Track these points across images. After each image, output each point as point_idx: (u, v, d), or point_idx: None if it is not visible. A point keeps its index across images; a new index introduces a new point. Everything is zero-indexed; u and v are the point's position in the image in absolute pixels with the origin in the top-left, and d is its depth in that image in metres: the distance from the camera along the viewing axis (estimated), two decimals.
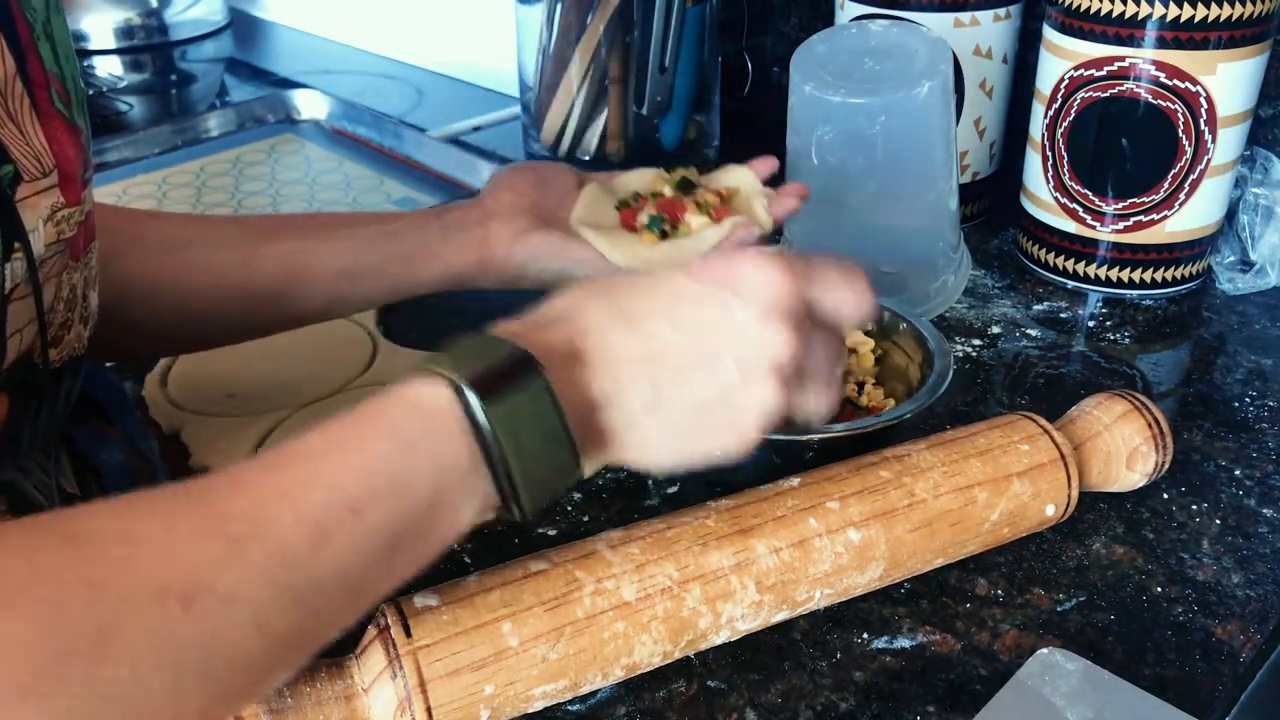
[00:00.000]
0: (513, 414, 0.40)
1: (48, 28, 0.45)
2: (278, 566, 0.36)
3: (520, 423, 0.40)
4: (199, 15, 1.57)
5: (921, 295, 0.78)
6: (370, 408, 0.40)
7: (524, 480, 0.41)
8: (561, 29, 0.97)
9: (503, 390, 0.40)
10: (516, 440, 0.40)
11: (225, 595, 0.34)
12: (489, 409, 0.40)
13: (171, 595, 0.33)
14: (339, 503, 0.37)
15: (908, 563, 0.53)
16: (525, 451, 0.40)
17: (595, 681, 0.47)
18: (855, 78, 0.73)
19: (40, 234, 0.43)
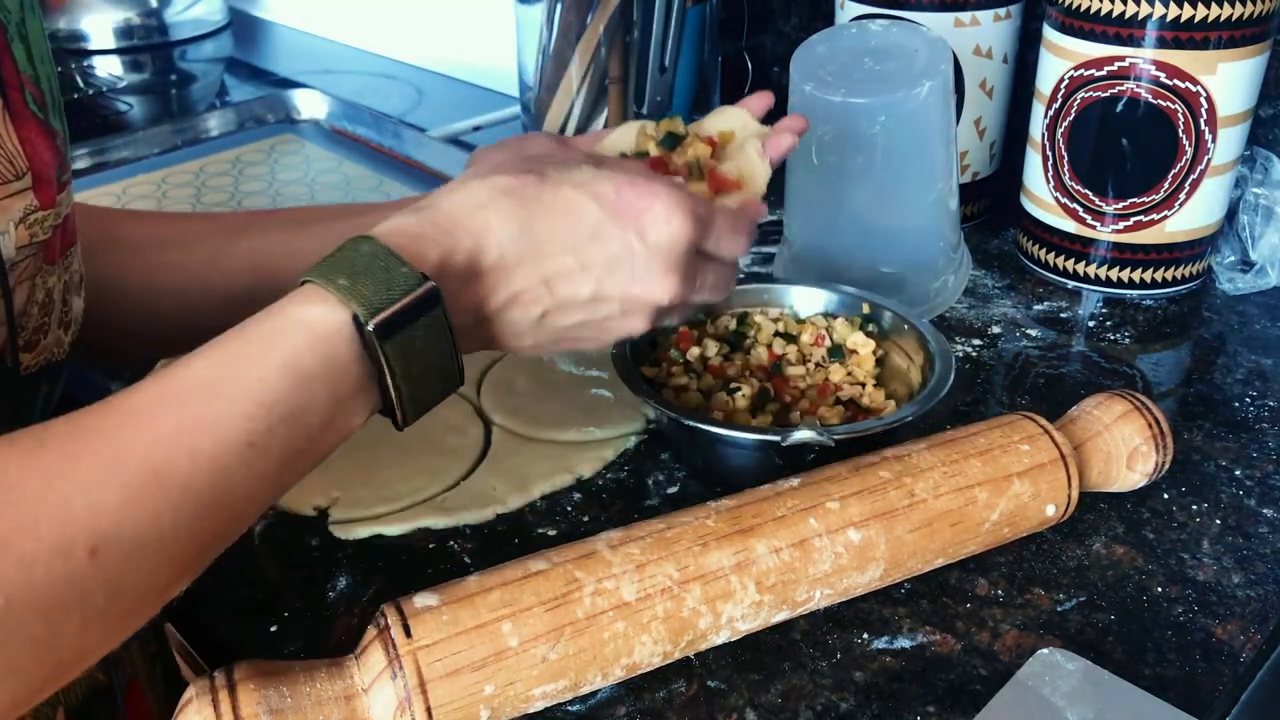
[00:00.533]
0: (409, 349, 0.42)
1: (22, 29, 0.44)
2: (179, 506, 0.37)
3: (414, 355, 0.42)
4: (199, 15, 1.57)
5: (921, 295, 0.78)
6: (268, 331, 0.41)
7: (410, 400, 0.43)
8: (561, 29, 0.97)
9: (403, 327, 0.42)
10: (408, 369, 0.42)
11: (131, 540, 0.35)
12: (388, 345, 0.41)
13: (77, 548, 0.34)
14: (238, 439, 0.38)
15: (908, 563, 0.53)
16: (414, 379, 0.43)
17: (595, 681, 0.47)
18: (855, 78, 0.73)
19: (11, 236, 0.43)
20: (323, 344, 0.41)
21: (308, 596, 0.55)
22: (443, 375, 0.44)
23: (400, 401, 0.43)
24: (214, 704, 0.41)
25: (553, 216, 0.47)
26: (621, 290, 0.48)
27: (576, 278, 0.47)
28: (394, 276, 0.42)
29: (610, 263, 0.47)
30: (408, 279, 0.42)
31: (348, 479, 0.63)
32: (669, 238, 0.48)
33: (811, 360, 0.67)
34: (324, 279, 0.42)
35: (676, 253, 0.48)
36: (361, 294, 0.41)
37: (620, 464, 0.64)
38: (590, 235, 0.47)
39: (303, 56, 1.49)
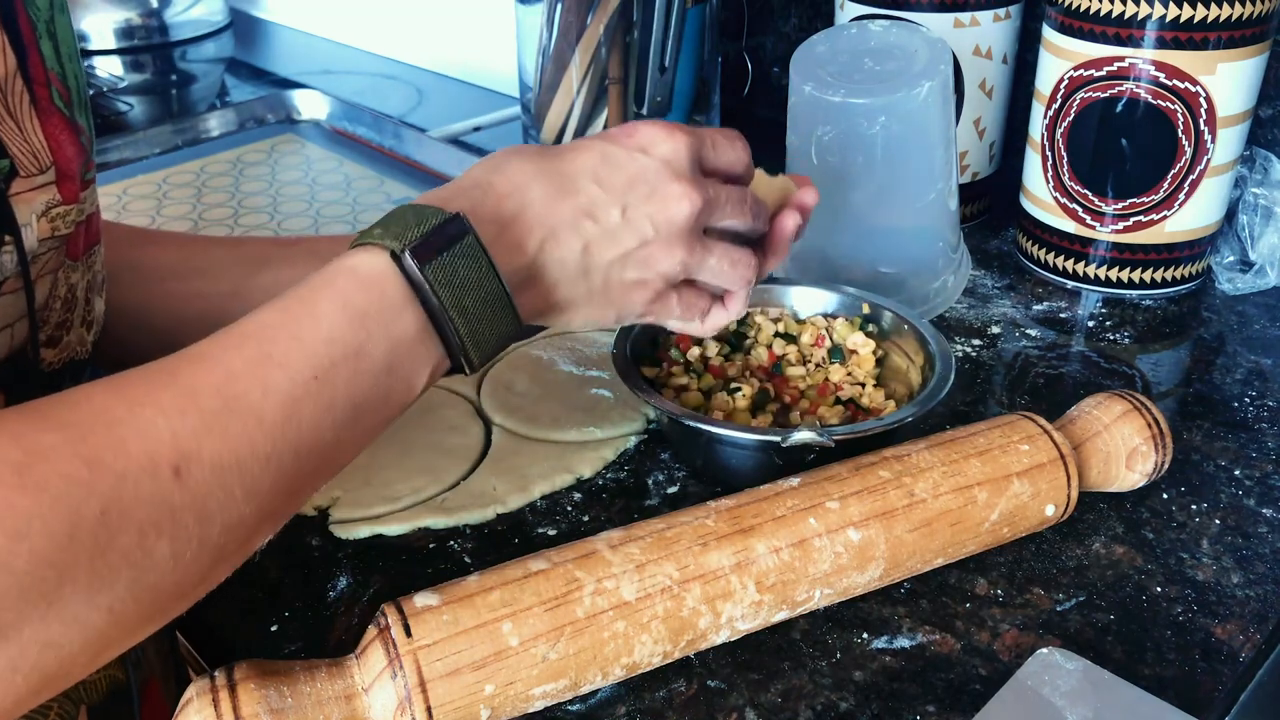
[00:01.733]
0: (451, 276, 0.43)
1: (51, 26, 0.45)
2: (254, 433, 0.39)
3: (460, 284, 0.44)
4: (199, 15, 1.57)
5: (921, 295, 0.78)
6: (316, 281, 0.43)
7: (471, 339, 0.44)
8: (561, 29, 0.97)
9: (439, 253, 0.43)
10: (459, 302, 0.44)
11: (212, 463, 0.37)
12: (428, 272, 0.43)
13: (163, 466, 0.36)
14: (304, 372, 0.40)
15: (907, 563, 0.53)
16: (468, 313, 0.44)
17: (595, 681, 0.47)
18: (855, 78, 0.73)
19: (33, 228, 0.43)
20: (371, 285, 0.43)
21: (308, 596, 0.55)
22: (498, 309, 0.45)
23: (459, 337, 0.44)
24: (214, 704, 0.41)
25: (564, 158, 0.50)
26: (646, 208, 0.50)
27: (603, 202, 0.49)
28: (423, 215, 0.44)
29: (629, 181, 0.50)
30: (436, 214, 0.44)
31: (348, 479, 0.63)
32: (671, 146, 0.51)
33: (811, 360, 0.67)
34: (359, 237, 0.44)
35: (681, 160, 0.51)
36: (393, 233, 0.43)
37: (620, 464, 0.64)
38: (602, 161, 0.50)
39: (303, 57, 1.49)
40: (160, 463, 0.36)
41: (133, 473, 0.35)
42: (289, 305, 0.42)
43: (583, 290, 0.50)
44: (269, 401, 0.39)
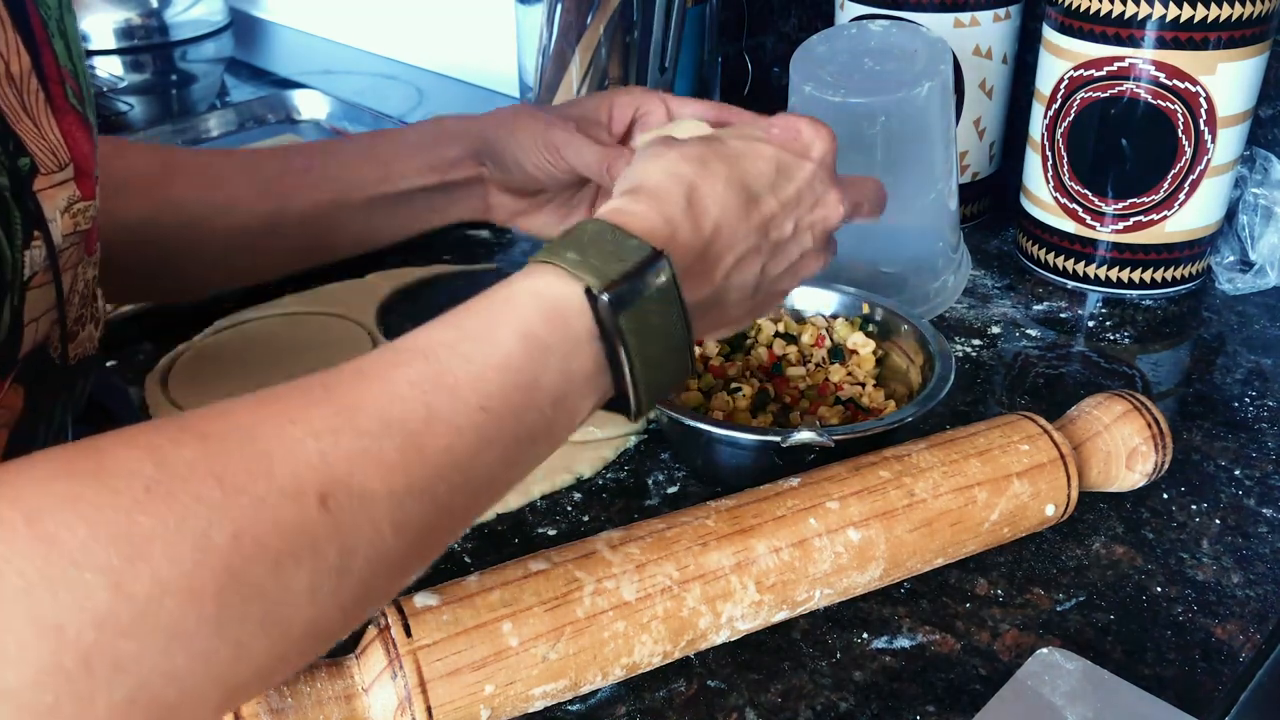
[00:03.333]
0: (644, 324, 0.40)
1: (61, 25, 0.45)
2: (412, 463, 0.35)
3: (650, 333, 0.41)
4: (199, 15, 1.57)
5: (921, 295, 0.78)
6: (499, 300, 0.40)
7: (645, 386, 0.41)
8: (561, 29, 0.97)
9: (637, 300, 0.40)
10: (644, 350, 0.40)
11: (361, 492, 0.34)
12: (622, 320, 0.39)
13: (308, 493, 0.33)
14: (472, 400, 0.37)
15: (907, 562, 0.53)
16: (650, 361, 0.41)
17: (595, 681, 0.47)
18: (855, 78, 0.73)
19: (58, 224, 0.43)
20: (556, 315, 0.39)
21: None
22: (677, 358, 0.42)
23: (635, 385, 0.41)
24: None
25: (742, 163, 0.47)
26: (810, 217, 0.49)
27: (781, 217, 0.48)
28: (624, 248, 0.41)
29: (800, 192, 0.49)
30: (638, 250, 0.41)
31: None
32: (825, 148, 0.50)
33: (812, 360, 0.67)
34: (551, 255, 0.41)
35: (832, 161, 0.51)
36: (591, 265, 0.40)
37: (620, 464, 0.64)
38: (778, 172, 0.48)
39: (303, 56, 1.49)
40: (305, 488, 0.33)
41: (273, 497, 0.32)
42: (463, 323, 0.39)
43: (746, 308, 0.49)
44: (432, 429, 0.36)
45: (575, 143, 0.62)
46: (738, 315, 0.49)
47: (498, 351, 0.38)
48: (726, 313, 0.48)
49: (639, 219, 0.43)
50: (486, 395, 0.37)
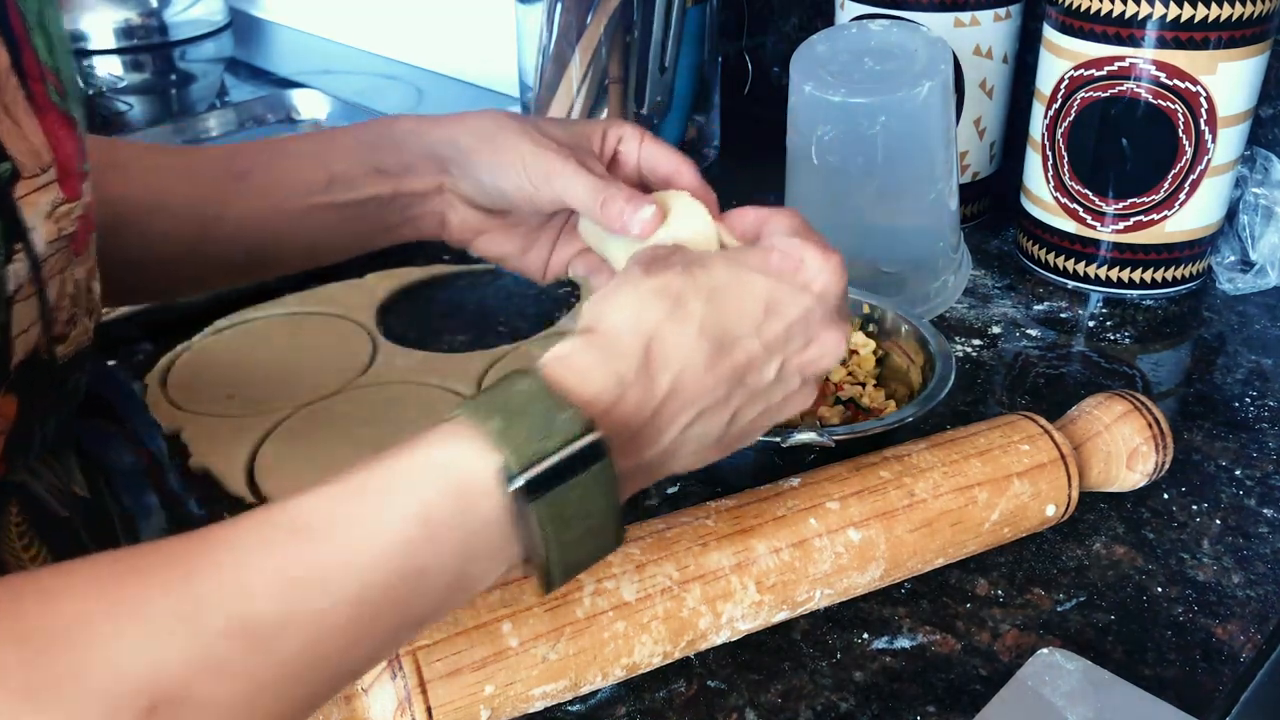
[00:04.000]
0: (563, 510, 0.36)
1: (42, 19, 0.44)
2: (261, 667, 0.31)
3: (569, 518, 0.37)
4: (199, 15, 1.57)
5: (921, 295, 0.78)
6: (399, 471, 0.36)
7: (560, 567, 0.37)
8: (561, 29, 0.97)
9: (558, 484, 0.36)
10: (560, 535, 0.37)
11: (200, 701, 0.30)
12: (539, 507, 0.36)
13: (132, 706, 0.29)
14: (344, 594, 0.33)
15: (908, 563, 0.53)
16: (567, 544, 0.37)
17: (595, 681, 0.47)
18: (855, 78, 0.73)
19: (40, 232, 0.43)
20: (462, 495, 0.35)
21: None
22: (600, 537, 0.38)
23: (548, 567, 0.37)
24: None
25: (723, 301, 0.42)
26: (800, 358, 0.44)
27: (762, 361, 0.43)
28: (554, 422, 0.36)
29: (790, 331, 0.43)
30: (569, 425, 0.36)
31: None
32: (834, 282, 0.45)
33: None
34: (475, 416, 0.36)
35: (836, 295, 0.45)
36: (514, 440, 0.35)
37: None
38: (766, 309, 0.43)
39: (303, 56, 1.49)
40: (129, 701, 0.29)
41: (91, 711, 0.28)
42: (352, 499, 0.35)
43: (712, 453, 0.44)
44: (290, 630, 0.32)
45: (567, 171, 0.54)
46: (691, 463, 0.44)
47: (384, 537, 0.34)
48: (678, 463, 0.43)
49: (582, 379, 0.39)
50: (363, 588, 0.33)
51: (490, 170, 0.56)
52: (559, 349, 0.40)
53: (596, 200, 0.53)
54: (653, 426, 0.40)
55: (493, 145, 0.56)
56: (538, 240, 0.61)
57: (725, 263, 0.44)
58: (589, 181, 0.53)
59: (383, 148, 0.58)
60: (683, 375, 0.41)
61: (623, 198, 0.52)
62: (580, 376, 0.39)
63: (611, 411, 0.39)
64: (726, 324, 0.42)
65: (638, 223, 0.51)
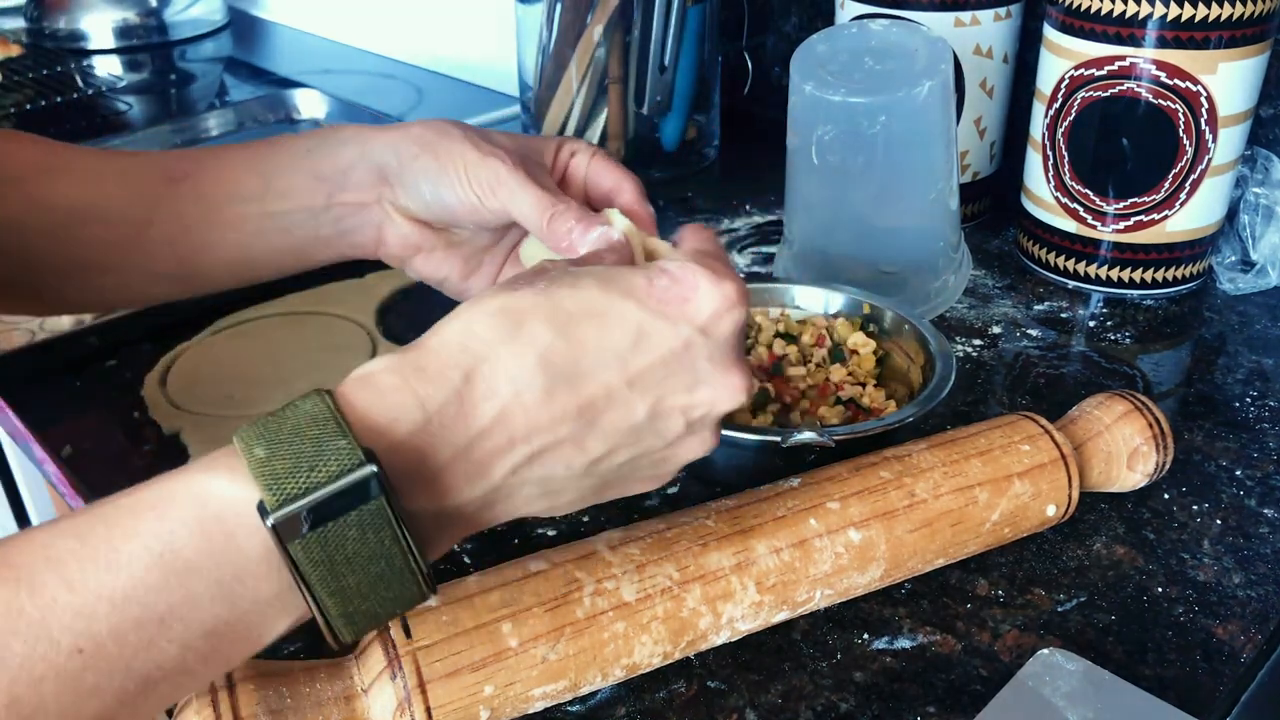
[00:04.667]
0: (333, 551, 0.32)
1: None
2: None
3: (345, 561, 0.33)
4: (198, 15, 1.57)
5: (922, 295, 0.78)
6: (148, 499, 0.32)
7: (346, 617, 0.34)
8: (561, 29, 0.97)
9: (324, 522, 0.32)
10: (336, 581, 0.33)
11: None
12: (297, 548, 0.32)
13: None
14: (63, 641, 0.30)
15: (908, 563, 0.53)
16: (350, 591, 0.33)
17: (595, 682, 0.47)
18: (855, 78, 0.73)
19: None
20: (217, 530, 0.32)
21: None
22: (396, 584, 0.34)
23: (327, 618, 0.33)
24: (213, 704, 0.41)
25: (579, 328, 0.37)
26: (683, 399, 0.39)
27: (625, 398, 0.37)
28: (324, 451, 0.32)
29: (665, 368, 0.38)
30: (340, 457, 0.32)
31: None
32: (727, 315, 0.39)
33: (812, 360, 0.67)
34: (244, 441, 0.33)
35: (736, 334, 0.40)
36: (274, 470, 0.32)
37: None
38: (634, 340, 0.37)
39: (303, 56, 1.49)
40: None
41: None
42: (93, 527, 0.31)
43: (566, 500, 0.40)
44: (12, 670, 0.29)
45: (513, 183, 0.50)
46: (545, 508, 0.40)
47: (116, 575, 0.30)
48: (518, 506, 0.39)
49: (377, 401, 0.34)
50: (87, 635, 0.30)
51: (432, 179, 0.52)
52: (367, 365, 0.36)
53: (544, 215, 0.49)
54: (468, 462, 0.36)
55: (434, 153, 0.52)
56: (482, 264, 0.57)
57: (598, 285, 0.38)
58: (537, 194, 0.50)
59: (321, 155, 0.55)
60: (511, 407, 0.36)
61: (572, 215, 0.49)
62: (375, 399, 0.34)
63: (408, 442, 0.34)
64: (578, 354, 0.37)
65: (587, 244, 0.47)
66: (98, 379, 0.74)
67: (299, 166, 0.55)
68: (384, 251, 0.57)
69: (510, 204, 0.50)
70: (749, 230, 0.93)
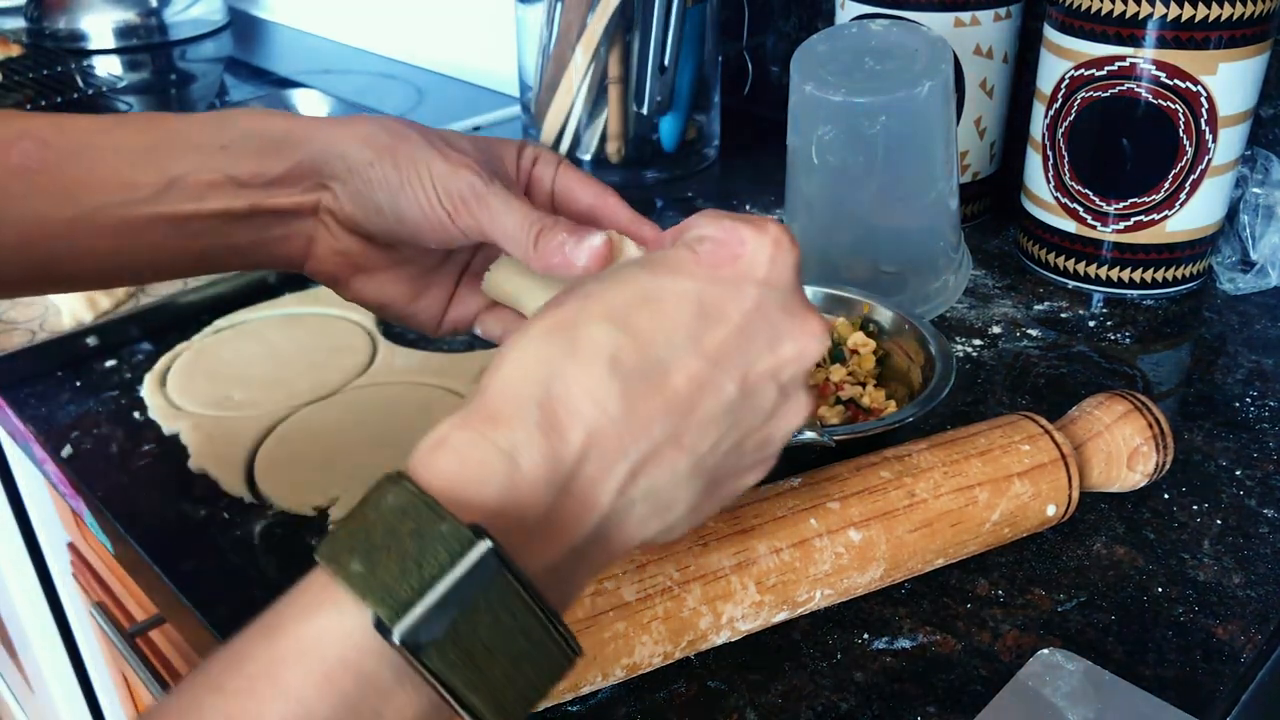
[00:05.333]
0: (470, 646, 0.29)
1: None
2: None
3: (484, 651, 0.29)
4: (199, 15, 1.57)
5: (922, 295, 0.78)
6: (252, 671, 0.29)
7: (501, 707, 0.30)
8: (561, 29, 0.97)
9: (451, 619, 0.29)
10: (479, 675, 0.29)
11: None
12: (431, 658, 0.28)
13: None
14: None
15: (908, 563, 0.53)
16: (497, 683, 0.30)
17: (595, 682, 0.47)
18: (855, 78, 0.73)
19: None
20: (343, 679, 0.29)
21: None
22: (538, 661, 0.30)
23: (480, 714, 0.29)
24: None
25: (639, 319, 0.34)
26: (772, 360, 0.36)
27: (711, 379, 0.34)
28: (427, 543, 0.29)
29: (743, 333, 0.35)
30: (447, 543, 0.29)
31: (348, 479, 0.63)
32: (784, 259, 0.36)
33: None
34: (332, 562, 0.29)
35: (790, 279, 0.37)
36: (382, 581, 0.28)
37: None
38: (700, 314, 0.34)
39: (303, 56, 1.49)
40: None
41: None
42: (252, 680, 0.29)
43: (681, 510, 0.35)
44: None
45: (493, 198, 0.43)
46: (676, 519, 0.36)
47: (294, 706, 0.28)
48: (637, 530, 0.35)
49: (461, 465, 0.31)
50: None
51: (389, 190, 0.45)
52: (436, 431, 0.32)
53: (530, 232, 0.43)
54: (571, 498, 0.32)
55: (393, 159, 0.44)
56: (430, 286, 0.50)
57: (643, 270, 0.35)
58: (520, 214, 0.43)
59: (244, 151, 0.45)
60: (598, 424, 0.32)
61: (563, 228, 0.42)
62: (457, 466, 0.31)
63: (507, 500, 0.31)
64: (647, 346, 0.33)
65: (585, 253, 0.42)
66: (98, 379, 0.74)
67: (215, 164, 0.45)
68: (313, 267, 0.48)
69: (489, 222, 0.44)
70: None
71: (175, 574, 0.57)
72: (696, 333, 0.34)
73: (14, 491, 1.04)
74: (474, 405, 0.32)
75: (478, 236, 0.45)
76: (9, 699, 1.56)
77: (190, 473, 0.64)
